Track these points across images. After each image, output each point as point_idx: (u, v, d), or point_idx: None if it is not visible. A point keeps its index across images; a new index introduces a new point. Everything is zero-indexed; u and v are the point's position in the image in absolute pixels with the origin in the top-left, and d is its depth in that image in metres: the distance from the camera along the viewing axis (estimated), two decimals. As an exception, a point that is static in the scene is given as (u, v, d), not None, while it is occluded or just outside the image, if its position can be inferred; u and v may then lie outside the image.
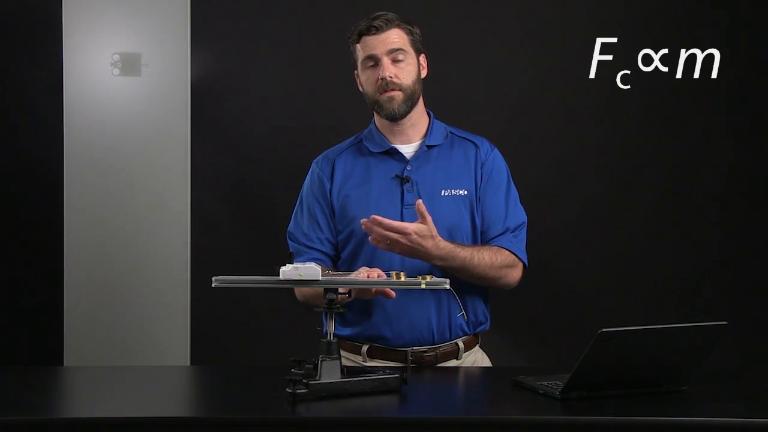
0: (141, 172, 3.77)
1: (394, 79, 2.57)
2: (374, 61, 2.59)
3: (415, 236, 2.41)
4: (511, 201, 2.68)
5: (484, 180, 2.66)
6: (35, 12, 4.09)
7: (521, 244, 2.66)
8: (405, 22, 2.62)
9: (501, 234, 2.63)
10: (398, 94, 2.59)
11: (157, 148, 3.77)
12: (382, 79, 2.57)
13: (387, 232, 2.40)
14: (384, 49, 2.57)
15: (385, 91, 2.59)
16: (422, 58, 2.66)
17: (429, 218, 2.43)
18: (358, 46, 2.61)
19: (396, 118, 2.61)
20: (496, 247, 2.60)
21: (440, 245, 2.47)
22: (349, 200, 2.64)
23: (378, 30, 2.58)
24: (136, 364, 3.66)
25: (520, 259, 2.65)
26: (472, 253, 2.53)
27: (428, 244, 2.43)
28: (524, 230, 2.69)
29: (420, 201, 2.43)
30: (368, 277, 2.32)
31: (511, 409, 2.17)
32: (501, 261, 2.59)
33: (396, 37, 2.59)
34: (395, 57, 2.58)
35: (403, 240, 2.41)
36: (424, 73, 2.66)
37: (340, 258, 2.68)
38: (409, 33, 2.62)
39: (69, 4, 3.71)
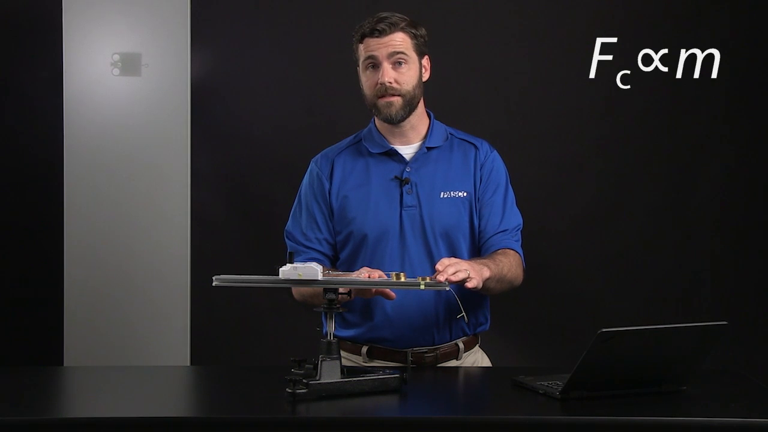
0: (141, 172, 3.77)
1: (394, 85, 2.56)
2: (374, 62, 2.57)
3: (453, 259, 2.37)
4: (508, 203, 2.68)
5: (483, 181, 2.65)
6: (35, 12, 4.09)
7: (519, 245, 2.67)
8: (410, 24, 2.58)
9: (498, 233, 2.63)
10: (397, 100, 2.57)
11: (157, 148, 3.77)
12: (381, 84, 2.57)
13: (448, 269, 2.33)
14: (385, 53, 2.55)
15: (384, 96, 2.58)
16: (425, 60, 2.63)
17: (442, 260, 2.37)
18: (361, 46, 2.59)
19: (393, 122, 2.61)
20: (502, 250, 2.60)
21: (478, 259, 2.49)
22: (348, 201, 2.63)
23: (381, 33, 2.55)
24: (136, 364, 3.66)
25: (522, 259, 2.66)
26: (496, 259, 2.54)
27: (470, 262, 2.41)
28: (520, 232, 2.69)
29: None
30: (369, 277, 2.32)
31: (511, 409, 2.17)
32: (516, 260, 2.60)
33: (399, 41, 2.56)
34: (396, 60, 2.56)
35: (461, 261, 2.37)
36: (426, 76, 2.64)
37: (338, 258, 2.68)
38: (413, 37, 2.58)
39: (69, 4, 3.71)
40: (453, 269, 2.31)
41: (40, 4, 4.07)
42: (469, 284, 2.33)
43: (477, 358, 2.69)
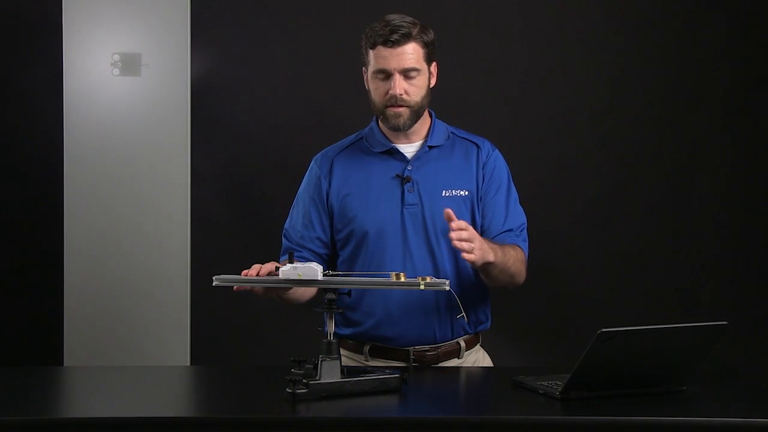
0: (141, 172, 3.76)
1: (404, 96, 2.56)
2: (386, 74, 2.57)
3: (471, 230, 2.37)
4: (511, 201, 2.68)
5: (485, 180, 2.66)
6: (35, 12, 4.09)
7: (526, 244, 2.67)
8: (421, 31, 2.57)
9: (503, 232, 2.63)
10: (405, 111, 2.58)
11: (157, 148, 3.77)
12: (392, 95, 2.57)
13: (462, 232, 2.34)
14: (398, 66, 2.55)
15: (393, 106, 2.58)
16: (433, 67, 2.63)
17: (460, 222, 2.38)
18: (372, 53, 2.58)
19: (400, 131, 2.62)
20: (512, 244, 2.61)
21: (490, 242, 2.48)
22: (349, 199, 2.64)
23: (395, 44, 2.54)
24: (136, 364, 3.66)
25: (526, 258, 2.66)
26: (505, 249, 2.54)
27: (482, 241, 2.41)
28: (525, 231, 2.69)
29: (448, 210, 2.39)
30: (259, 272, 2.33)
31: (511, 409, 2.17)
32: (521, 257, 2.61)
33: (411, 53, 2.55)
34: (408, 75, 2.57)
35: (476, 235, 2.37)
36: (433, 82, 2.64)
37: (332, 257, 2.69)
38: (424, 46, 2.58)
39: (69, 4, 3.71)
40: (466, 234, 2.32)
41: (40, 4, 4.07)
42: (467, 256, 2.34)
43: (478, 357, 2.70)
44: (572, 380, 2.11)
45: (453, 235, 2.32)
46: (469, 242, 2.34)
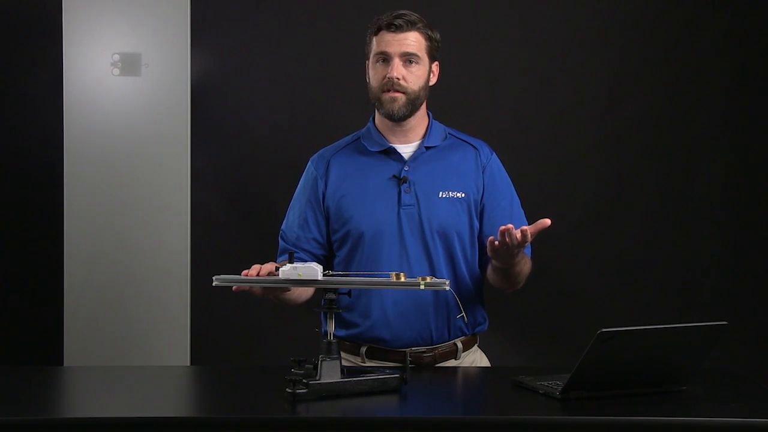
0: (141, 172, 3.76)
1: (401, 81, 2.56)
2: (386, 57, 2.58)
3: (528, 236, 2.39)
4: (515, 207, 2.69)
5: (487, 185, 2.65)
6: (35, 12, 4.09)
7: (530, 250, 2.67)
8: (426, 26, 2.60)
9: None
10: (401, 97, 2.58)
11: (157, 148, 3.77)
12: (389, 78, 2.57)
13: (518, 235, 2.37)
14: (398, 50, 2.56)
15: (389, 91, 2.58)
16: (435, 66, 2.64)
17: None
18: (375, 38, 2.60)
19: (394, 119, 2.61)
20: (526, 257, 2.63)
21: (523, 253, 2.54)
22: (345, 200, 2.63)
23: (398, 29, 2.56)
24: (136, 364, 3.66)
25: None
26: (526, 263, 2.59)
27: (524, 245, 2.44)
28: None
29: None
30: (259, 272, 2.34)
31: (511, 409, 2.17)
32: (528, 269, 2.63)
33: (413, 41, 2.57)
34: (407, 59, 2.57)
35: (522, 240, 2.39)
36: (433, 80, 2.65)
37: (329, 258, 2.69)
38: (428, 39, 2.60)
39: (69, 4, 3.71)
40: (519, 237, 2.35)
41: (40, 4, 4.07)
42: (519, 235, 2.35)
43: (475, 358, 2.69)
44: (572, 380, 2.11)
45: (504, 229, 2.34)
46: (513, 240, 2.36)
